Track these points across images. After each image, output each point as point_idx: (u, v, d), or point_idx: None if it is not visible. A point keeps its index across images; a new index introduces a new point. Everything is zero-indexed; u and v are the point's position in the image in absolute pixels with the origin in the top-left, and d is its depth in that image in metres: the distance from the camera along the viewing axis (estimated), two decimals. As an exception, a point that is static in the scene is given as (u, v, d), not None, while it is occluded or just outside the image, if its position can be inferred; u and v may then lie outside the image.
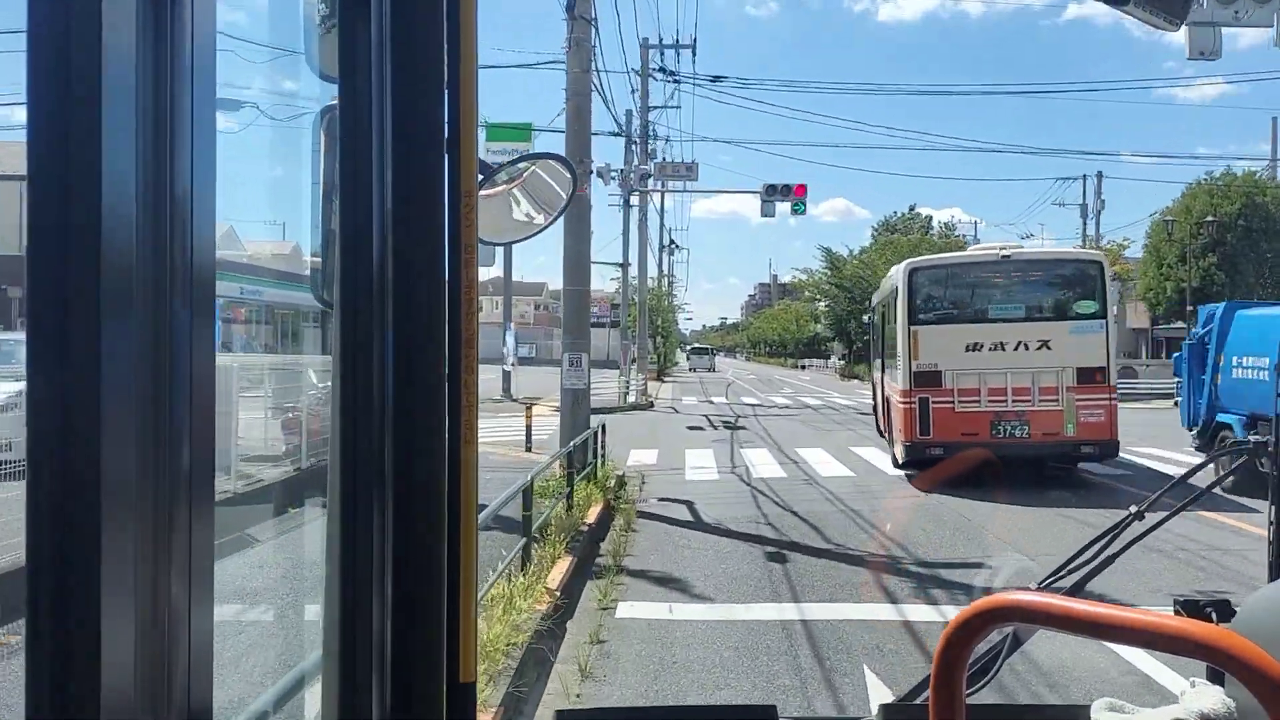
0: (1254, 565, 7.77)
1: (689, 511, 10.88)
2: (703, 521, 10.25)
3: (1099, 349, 12.52)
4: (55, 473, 0.58)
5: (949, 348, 12.82)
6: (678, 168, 27.99)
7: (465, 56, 0.93)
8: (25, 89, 0.58)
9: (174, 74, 0.66)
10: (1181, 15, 1.00)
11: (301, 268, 2.00)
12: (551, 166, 1.74)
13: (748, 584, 7.60)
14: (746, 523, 10.17)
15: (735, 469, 14.74)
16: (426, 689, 0.92)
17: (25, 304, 0.59)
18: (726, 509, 11.03)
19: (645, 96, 29.83)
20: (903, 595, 7.24)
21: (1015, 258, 13.61)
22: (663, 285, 54.07)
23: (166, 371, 0.65)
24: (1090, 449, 12.56)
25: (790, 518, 10.43)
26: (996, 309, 13.18)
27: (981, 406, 12.59)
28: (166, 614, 0.65)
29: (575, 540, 8.53)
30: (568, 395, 12.23)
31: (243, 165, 1.34)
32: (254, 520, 7.10)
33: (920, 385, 12.78)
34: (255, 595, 5.74)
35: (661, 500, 11.70)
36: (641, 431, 20.89)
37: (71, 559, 0.59)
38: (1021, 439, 12.52)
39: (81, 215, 0.58)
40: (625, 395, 28.79)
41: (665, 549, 8.87)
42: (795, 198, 25.26)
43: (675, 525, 10.05)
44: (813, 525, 9.96)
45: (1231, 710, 1.25)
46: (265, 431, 10.66)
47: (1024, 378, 12.51)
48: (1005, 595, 0.82)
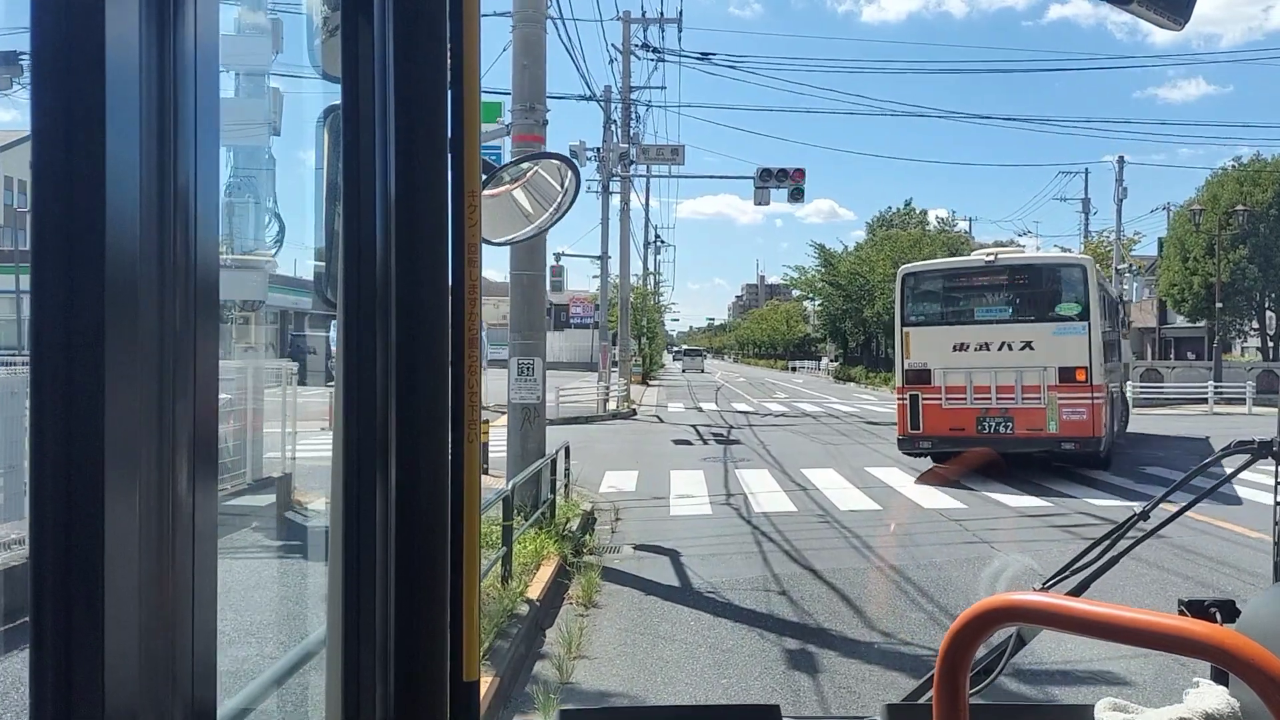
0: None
1: (673, 569, 8.12)
2: (692, 588, 7.49)
3: (1081, 349, 12.97)
4: (59, 472, 0.58)
5: (938, 348, 13.75)
6: (662, 150, 25.27)
7: (468, 56, 0.93)
8: (29, 90, 0.59)
9: (177, 74, 0.65)
10: (1185, 14, 0.96)
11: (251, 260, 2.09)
12: (554, 166, 1.83)
13: None
14: (751, 589, 7.41)
15: (731, 497, 12.01)
16: (430, 687, 0.92)
17: (30, 304, 0.58)
18: (723, 564, 8.28)
19: (627, 73, 27.03)
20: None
21: (1003, 262, 14.26)
22: (648, 283, 51.13)
23: (171, 369, 0.65)
24: (1070, 445, 13.03)
25: (810, 581, 7.68)
26: (984, 311, 13.93)
27: (968, 403, 13.44)
28: (170, 613, 0.64)
29: (507, 633, 5.77)
30: (516, 412, 9.41)
31: (243, 163, 1.49)
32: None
33: (911, 383, 13.84)
34: (259, 594, 5.60)
35: (639, 549, 8.95)
36: (620, 447, 18.11)
37: (75, 558, 0.58)
38: (1006, 435, 13.29)
39: (85, 215, 0.58)
40: (605, 402, 25.95)
41: (639, 644, 6.10)
42: (793, 182, 22.66)
43: (655, 595, 7.29)
44: (844, 595, 7.21)
45: (1236, 710, 1.26)
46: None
47: (1009, 376, 13.26)
48: (1009, 595, 0.84)
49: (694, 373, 68.99)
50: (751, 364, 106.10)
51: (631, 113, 27.37)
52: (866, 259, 47.79)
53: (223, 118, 0.71)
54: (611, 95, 25.44)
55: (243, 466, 8.58)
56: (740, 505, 11.42)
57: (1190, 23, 0.98)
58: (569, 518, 9.77)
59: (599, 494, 12.37)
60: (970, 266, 14.48)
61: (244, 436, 8.54)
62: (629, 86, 27.15)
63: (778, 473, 14.23)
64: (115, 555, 0.59)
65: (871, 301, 45.87)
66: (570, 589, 7.32)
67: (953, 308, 14.21)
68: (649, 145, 25.58)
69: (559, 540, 8.34)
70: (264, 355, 9.92)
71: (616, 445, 18.34)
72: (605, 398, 26.06)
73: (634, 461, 15.61)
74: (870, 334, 44.63)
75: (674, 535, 9.62)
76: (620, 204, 27.88)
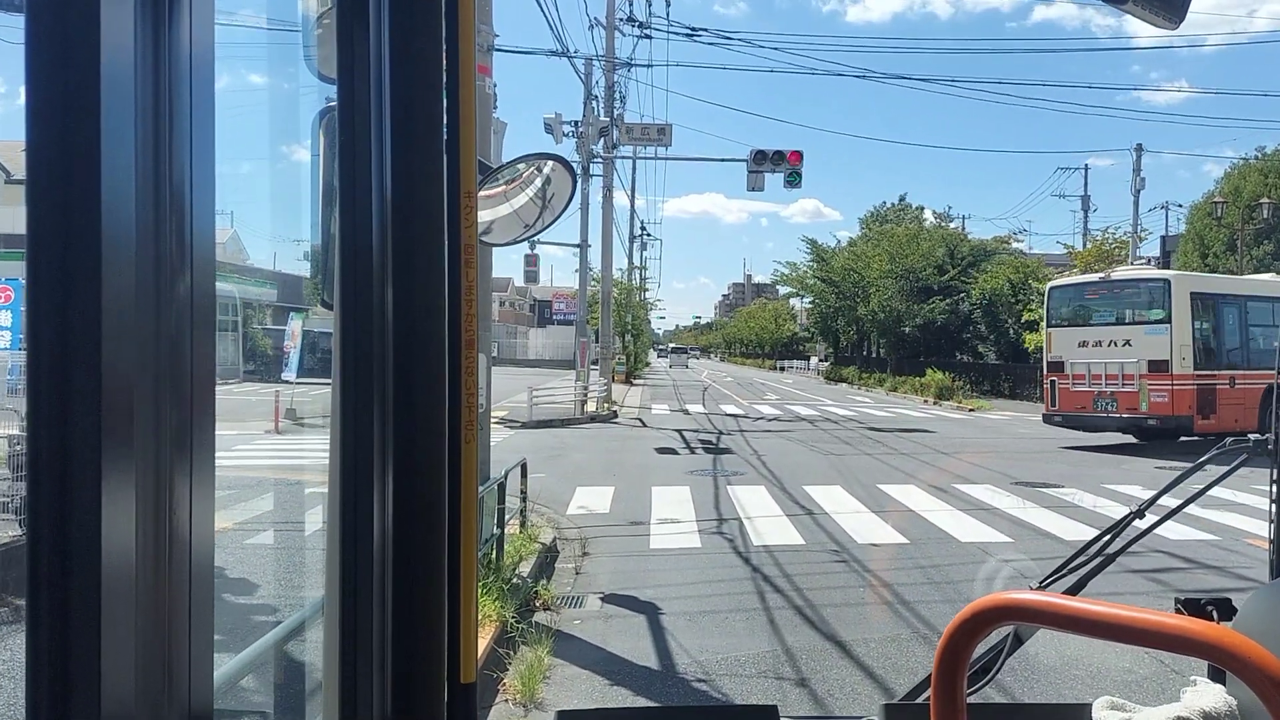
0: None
1: (651, 638, 6.08)
2: (675, 672, 5.45)
3: (1163, 346, 16.81)
4: (56, 471, 0.57)
5: (1069, 345, 18.44)
6: (648, 130, 23.18)
7: (464, 57, 0.93)
8: (24, 91, 0.59)
9: (172, 75, 0.65)
10: (1181, 13, 0.98)
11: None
12: (550, 166, 1.84)
13: None
14: (757, 674, 5.39)
15: (723, 523, 9.98)
16: (428, 690, 0.92)
17: (25, 306, 0.58)
18: (717, 628, 6.26)
19: (610, 47, 24.89)
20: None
21: (1114, 277, 18.75)
22: (633, 279, 48.92)
23: (167, 370, 0.65)
24: (1155, 422, 17.02)
25: (838, 661, 5.64)
26: (1098, 316, 18.34)
27: (1087, 387, 17.95)
28: (167, 609, 0.64)
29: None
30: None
31: (241, 166, 1.42)
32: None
33: (1051, 371, 18.80)
34: (256, 595, 5.47)
35: (607, 602, 6.91)
36: (596, 456, 16.03)
37: (71, 557, 0.57)
38: (1112, 413, 17.56)
39: (81, 216, 0.58)
40: (583, 404, 23.83)
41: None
42: (789, 165, 20.68)
43: (623, 685, 5.24)
44: (887, 689, 5.18)
45: (1233, 708, 1.28)
46: None
47: (1114, 367, 17.45)
48: (1005, 594, 0.83)
49: (680, 368, 76.07)
50: (739, 363, 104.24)
51: (615, 92, 25.28)
52: (861, 254, 45.81)
53: (218, 119, 0.70)
54: (593, 68, 23.34)
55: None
56: (735, 535, 9.39)
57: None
58: (521, 556, 7.72)
59: (566, 516, 10.32)
60: (1092, 281, 19.08)
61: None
62: (613, 58, 25.05)
63: (777, 490, 12.19)
64: (113, 554, 0.58)
65: (866, 299, 43.91)
66: (508, 675, 5.26)
67: (1081, 313, 18.60)
68: (633, 124, 23.46)
69: (502, 595, 6.28)
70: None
71: (592, 454, 16.27)
72: (583, 399, 23.94)
73: (610, 475, 13.54)
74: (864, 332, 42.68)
75: (654, 579, 7.60)
76: (603, 187, 25.70)
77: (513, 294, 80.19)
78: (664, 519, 10.18)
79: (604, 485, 12.44)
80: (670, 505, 10.97)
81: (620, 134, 23.77)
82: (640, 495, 11.65)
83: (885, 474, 13.79)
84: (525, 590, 6.80)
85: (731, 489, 12.26)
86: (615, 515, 10.46)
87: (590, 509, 10.76)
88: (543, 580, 7.36)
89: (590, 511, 10.61)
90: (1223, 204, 29.43)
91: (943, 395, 32.31)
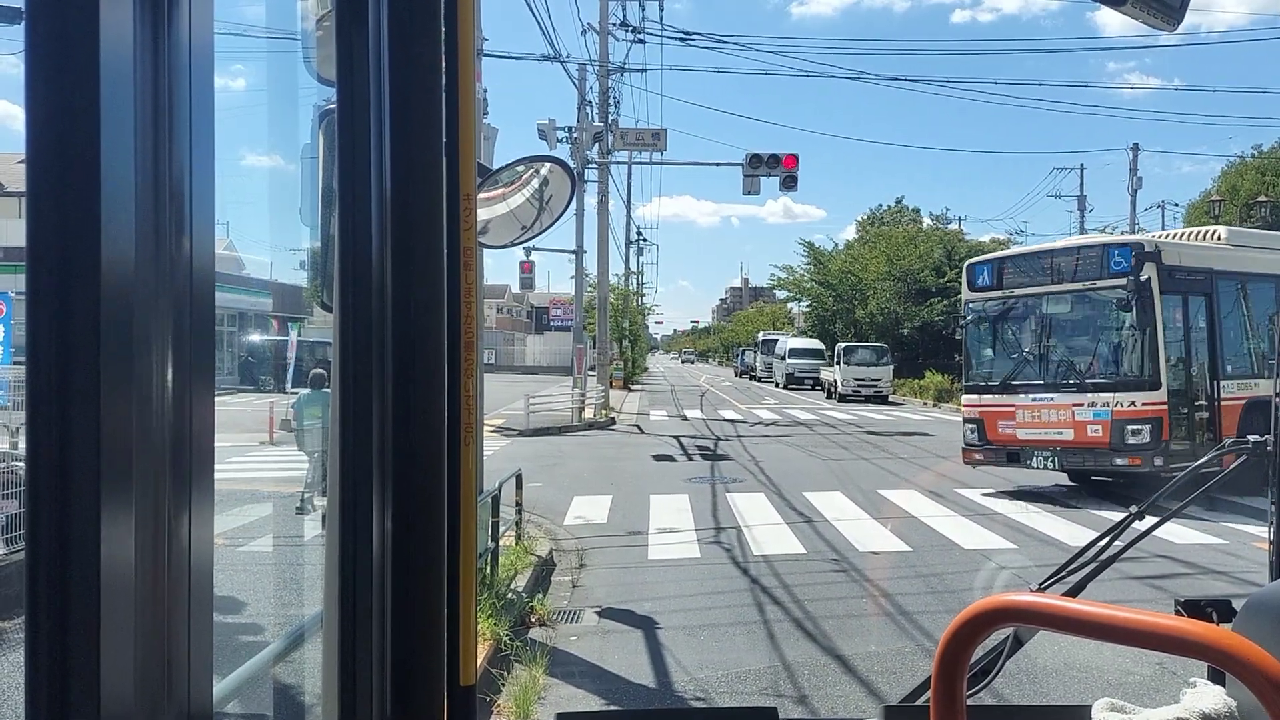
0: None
1: (648, 653, 5.95)
2: (673, 689, 5.33)
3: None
4: (55, 473, 0.57)
5: None
6: (643, 135, 23.12)
7: (463, 60, 0.93)
8: (24, 94, 0.58)
9: (172, 77, 0.65)
10: (1180, 15, 1.01)
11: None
12: (550, 169, 1.84)
13: None
14: (758, 691, 5.27)
15: (722, 532, 9.86)
16: (427, 692, 0.92)
17: (26, 306, 0.57)
18: (716, 642, 6.13)
19: (604, 53, 24.80)
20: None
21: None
22: (630, 283, 48.78)
23: (167, 371, 0.64)
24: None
25: (839, 676, 5.52)
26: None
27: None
28: (166, 616, 0.64)
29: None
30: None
31: (241, 168, 1.39)
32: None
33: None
34: (256, 597, 5.33)
35: (604, 616, 6.79)
36: (593, 464, 15.90)
37: (70, 559, 0.57)
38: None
39: (80, 218, 0.57)
40: (580, 411, 23.70)
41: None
42: (784, 169, 20.62)
43: (619, 704, 5.12)
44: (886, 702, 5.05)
45: (1233, 710, 1.27)
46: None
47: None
48: (1005, 596, 0.83)
49: (688, 363, 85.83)
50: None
51: (609, 97, 25.19)
52: (859, 257, 45.69)
53: (217, 121, 0.69)
54: (587, 73, 23.22)
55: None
56: (734, 544, 9.27)
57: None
58: (517, 570, 7.59)
59: (564, 527, 10.20)
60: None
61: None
62: (606, 63, 24.96)
63: (775, 497, 12.06)
64: (111, 556, 0.58)
65: (864, 301, 43.79)
66: (502, 696, 5.14)
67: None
68: (628, 129, 23.38)
69: (496, 612, 6.15)
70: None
71: (590, 462, 16.14)
72: (581, 406, 23.81)
73: (608, 483, 13.42)
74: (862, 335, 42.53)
75: (652, 591, 7.48)
76: (598, 193, 25.57)
77: (510, 300, 80.00)
78: (662, 528, 10.05)
79: (602, 494, 12.32)
80: (669, 514, 10.84)
81: (615, 139, 23.70)
82: (638, 504, 11.53)
83: (885, 479, 13.67)
84: (520, 605, 6.68)
85: (730, 496, 12.13)
86: (613, 525, 10.34)
87: (588, 519, 10.63)
88: (539, 594, 7.23)
89: (588, 522, 10.49)
90: (1219, 202, 29.34)
91: (942, 397, 32.15)
